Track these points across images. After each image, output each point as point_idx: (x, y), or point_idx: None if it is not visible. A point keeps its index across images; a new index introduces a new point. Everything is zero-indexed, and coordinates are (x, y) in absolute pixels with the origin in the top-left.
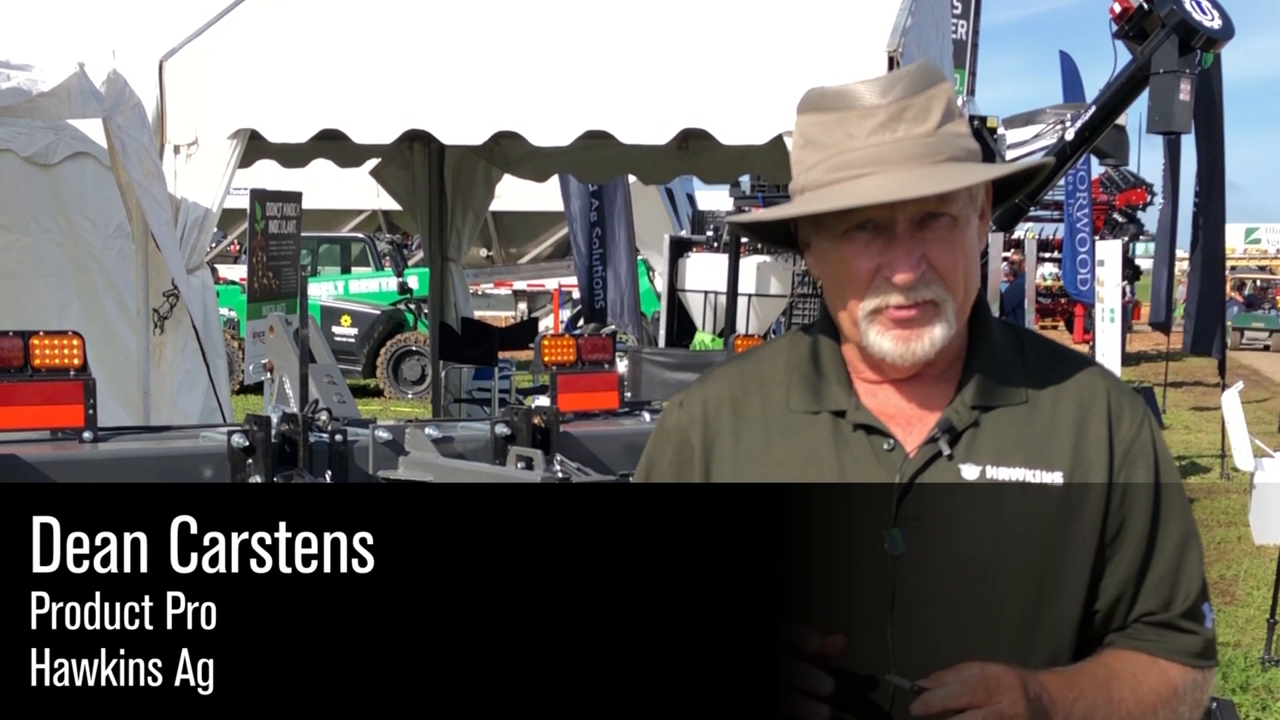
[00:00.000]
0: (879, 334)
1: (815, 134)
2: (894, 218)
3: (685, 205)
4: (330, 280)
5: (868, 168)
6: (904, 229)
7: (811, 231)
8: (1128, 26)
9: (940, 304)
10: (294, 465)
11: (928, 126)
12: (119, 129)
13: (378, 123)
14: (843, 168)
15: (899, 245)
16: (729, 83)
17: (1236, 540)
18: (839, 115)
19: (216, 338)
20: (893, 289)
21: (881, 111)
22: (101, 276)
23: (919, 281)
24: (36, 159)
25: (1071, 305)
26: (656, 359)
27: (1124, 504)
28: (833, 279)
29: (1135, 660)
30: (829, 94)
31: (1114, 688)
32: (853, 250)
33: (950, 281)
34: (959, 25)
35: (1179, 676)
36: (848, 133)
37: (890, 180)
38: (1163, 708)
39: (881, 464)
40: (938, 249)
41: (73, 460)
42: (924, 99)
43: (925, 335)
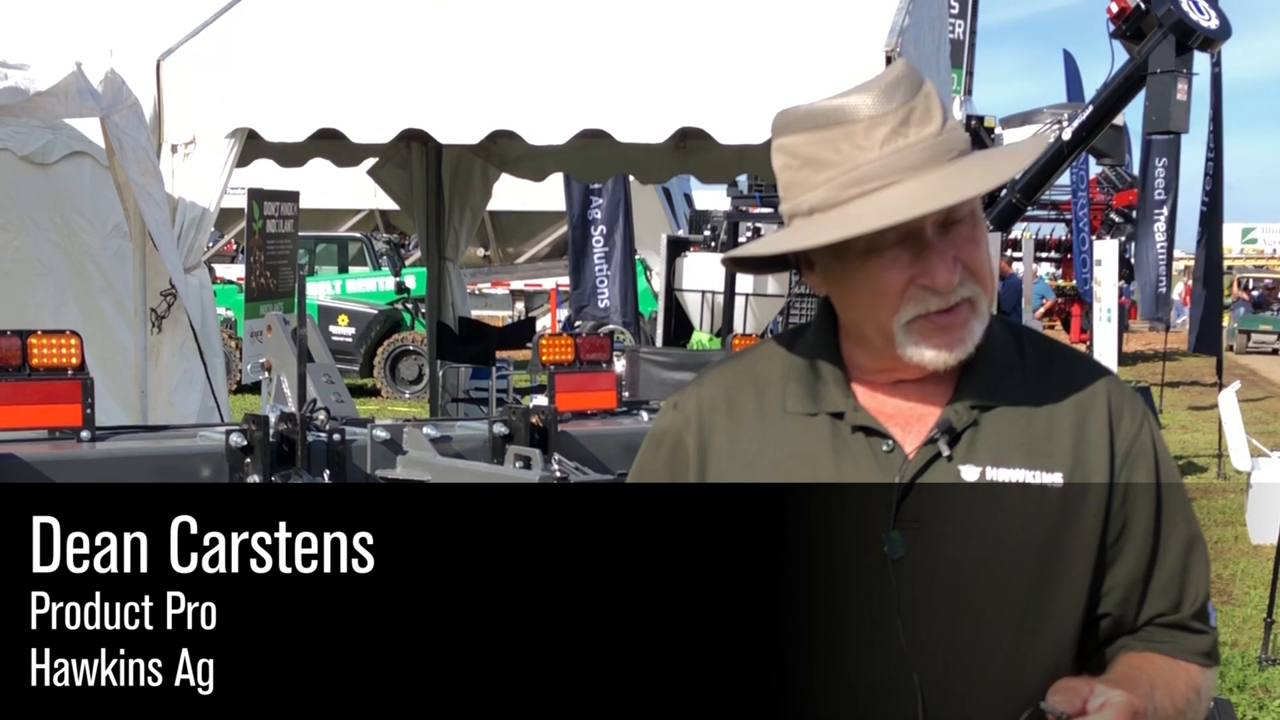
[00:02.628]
0: (918, 345)
1: (817, 152)
2: (921, 227)
3: (683, 205)
4: (328, 280)
5: (887, 178)
6: (933, 234)
7: (825, 254)
8: (1125, 26)
9: (976, 300)
10: (292, 464)
11: (935, 126)
12: (116, 128)
13: (375, 122)
14: (859, 182)
15: (933, 252)
16: (726, 82)
17: (1233, 540)
18: (844, 129)
19: (214, 337)
20: (932, 295)
21: (890, 118)
22: (99, 276)
23: (957, 284)
24: (34, 158)
25: (1069, 305)
26: (654, 358)
27: (1126, 504)
28: (857, 297)
29: (1161, 663)
30: (822, 110)
31: (1158, 694)
32: (880, 266)
33: (980, 276)
34: (956, 25)
35: (1198, 677)
36: (857, 145)
37: (913, 188)
38: (1189, 710)
39: (880, 466)
40: (965, 248)
41: (71, 459)
42: (923, 99)
43: (967, 337)
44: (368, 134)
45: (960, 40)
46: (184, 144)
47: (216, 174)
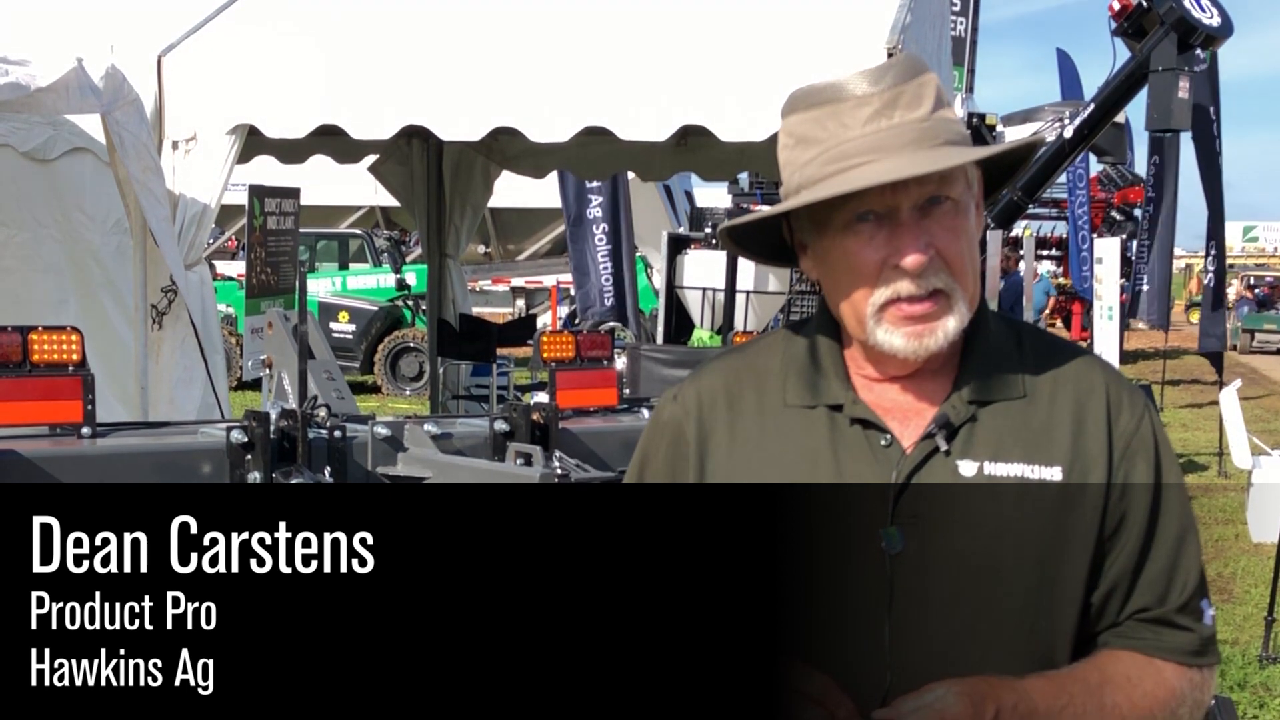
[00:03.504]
0: (888, 331)
1: (806, 130)
2: (897, 205)
3: (683, 202)
4: (328, 276)
5: (866, 155)
6: (908, 215)
7: (810, 231)
8: (1127, 24)
9: (950, 294)
10: (293, 461)
11: (922, 112)
12: (117, 124)
13: (376, 118)
14: (840, 159)
15: (905, 231)
16: (728, 79)
17: (1234, 538)
18: (832, 108)
19: (215, 334)
20: (902, 276)
21: (875, 99)
22: (99, 272)
23: (928, 268)
24: (35, 154)
25: (1069, 303)
26: (655, 355)
27: (1124, 499)
28: (836, 277)
29: (1130, 662)
30: (817, 89)
31: (1107, 693)
32: (857, 244)
33: (957, 269)
34: (958, 22)
35: (1176, 678)
36: (842, 123)
37: (890, 164)
38: (1160, 712)
39: (878, 459)
40: (943, 237)
41: (71, 456)
42: (915, 86)
43: (939, 329)
44: (369, 130)
45: (962, 38)
46: (185, 140)
47: (217, 170)
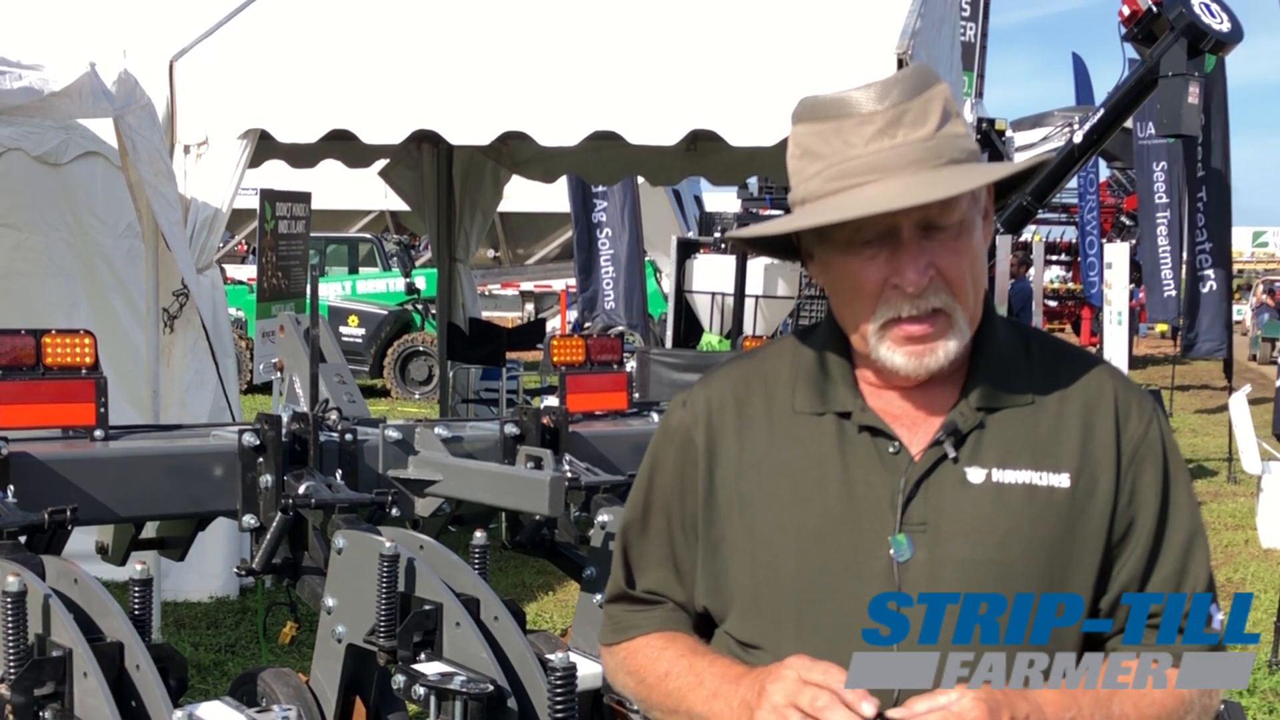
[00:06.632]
0: (890, 349)
1: (812, 143)
2: (898, 225)
3: (693, 206)
4: (338, 280)
5: (868, 175)
6: (909, 236)
7: (815, 243)
8: (1137, 29)
9: (950, 313)
10: (304, 464)
11: (926, 130)
12: (129, 129)
13: (387, 123)
14: (842, 177)
15: (905, 253)
16: (737, 84)
17: (1244, 543)
18: (835, 124)
19: (226, 337)
20: (902, 296)
21: (879, 118)
22: (111, 276)
23: (928, 289)
24: (47, 158)
25: (1078, 308)
26: (664, 360)
27: (1132, 504)
28: (840, 292)
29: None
30: (824, 102)
31: (1115, 703)
32: (859, 263)
33: (958, 289)
34: (968, 27)
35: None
36: (845, 141)
37: (891, 187)
38: (1169, 719)
39: (886, 466)
40: (945, 257)
41: (84, 458)
42: (921, 102)
43: (939, 349)
44: (379, 135)
45: (971, 43)
46: (196, 145)
47: (229, 175)
